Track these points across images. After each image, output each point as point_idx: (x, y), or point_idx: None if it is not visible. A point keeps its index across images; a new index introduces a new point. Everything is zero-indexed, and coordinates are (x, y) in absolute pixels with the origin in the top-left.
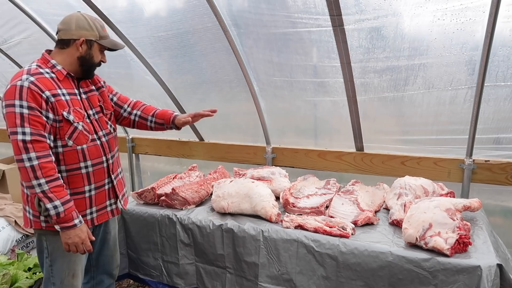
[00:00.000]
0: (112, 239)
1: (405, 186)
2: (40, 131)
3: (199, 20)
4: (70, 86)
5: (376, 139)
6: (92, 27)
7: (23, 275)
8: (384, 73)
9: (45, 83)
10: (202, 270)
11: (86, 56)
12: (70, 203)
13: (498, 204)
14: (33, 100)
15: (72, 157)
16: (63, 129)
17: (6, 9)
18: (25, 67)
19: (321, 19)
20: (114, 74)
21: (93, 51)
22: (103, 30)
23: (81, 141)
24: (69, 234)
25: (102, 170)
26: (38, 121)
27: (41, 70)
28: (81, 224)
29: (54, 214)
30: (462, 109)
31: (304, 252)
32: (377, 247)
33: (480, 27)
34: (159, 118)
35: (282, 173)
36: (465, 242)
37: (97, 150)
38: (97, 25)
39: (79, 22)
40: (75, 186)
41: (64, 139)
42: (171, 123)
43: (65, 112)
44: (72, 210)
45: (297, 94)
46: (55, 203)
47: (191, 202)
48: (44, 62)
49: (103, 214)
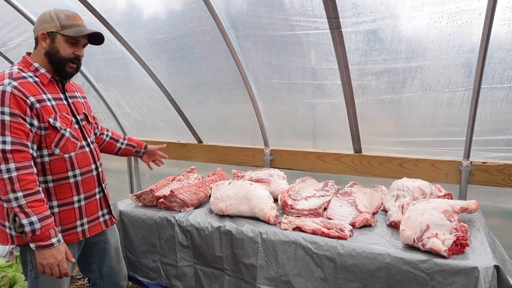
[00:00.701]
0: (114, 250)
1: (403, 188)
2: (22, 140)
3: (197, 22)
4: (55, 90)
5: (374, 141)
6: (53, 18)
7: (21, 277)
8: (381, 75)
9: (29, 88)
10: (201, 272)
11: (50, 50)
12: (48, 219)
13: (496, 206)
14: (16, 106)
15: (59, 166)
16: (49, 136)
17: (5, 12)
18: (4, 70)
19: (319, 22)
20: (112, 76)
21: (57, 43)
22: (69, 20)
23: (68, 149)
24: (44, 254)
25: (92, 179)
26: (20, 129)
27: (23, 74)
28: (59, 243)
29: (30, 231)
30: (459, 111)
31: (302, 254)
32: (375, 249)
33: (477, 29)
34: (132, 142)
35: (281, 175)
36: (462, 244)
37: (86, 158)
38: (60, 16)
39: (41, 17)
40: (63, 197)
41: (51, 148)
42: (144, 148)
43: (51, 118)
44: (50, 227)
45: (295, 96)
46: (31, 219)
47: (189, 204)
48: (26, 65)
49: (95, 225)
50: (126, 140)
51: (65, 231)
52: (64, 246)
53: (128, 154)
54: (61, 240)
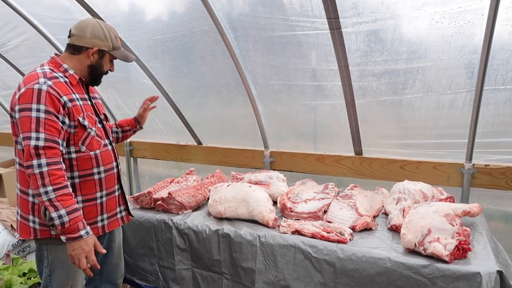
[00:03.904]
0: (117, 248)
1: (404, 190)
2: (55, 137)
3: (196, 23)
4: (81, 91)
5: (375, 143)
6: (107, 37)
7: (17, 280)
8: (382, 76)
9: (62, 88)
10: (199, 275)
11: (96, 65)
12: (76, 212)
13: (498, 209)
14: (51, 104)
15: (86, 163)
16: (78, 134)
17: (3, 13)
18: (36, 69)
19: (318, 22)
20: (111, 77)
21: (104, 60)
22: (116, 41)
23: (93, 147)
24: (73, 245)
25: (113, 176)
26: (53, 127)
27: (55, 74)
28: (87, 235)
29: (59, 224)
30: (462, 113)
31: (301, 257)
32: (375, 253)
33: (479, 30)
34: (125, 126)
35: (280, 177)
36: (464, 248)
37: (109, 156)
38: (112, 36)
39: (94, 31)
40: (87, 193)
41: (78, 145)
42: (136, 122)
43: (81, 117)
44: (78, 220)
45: (295, 97)
46: (60, 212)
47: (187, 207)
48: (56, 66)
49: (113, 221)
50: (119, 127)
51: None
52: (92, 238)
53: (128, 137)
54: (90, 232)
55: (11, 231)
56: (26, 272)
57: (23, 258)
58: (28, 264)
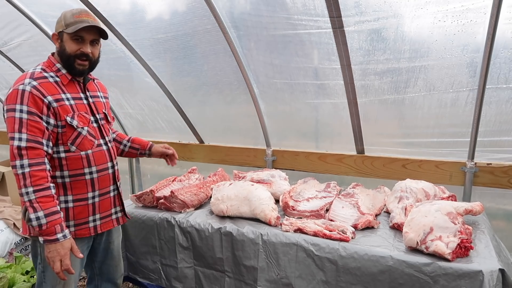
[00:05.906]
0: (116, 249)
1: (406, 189)
2: (37, 137)
3: (198, 22)
4: (75, 90)
5: (377, 142)
6: (61, 18)
7: (20, 278)
8: (384, 75)
9: (48, 88)
10: (201, 273)
11: (60, 49)
12: (55, 215)
13: (501, 208)
14: (33, 105)
15: (76, 163)
16: (66, 134)
17: (6, 12)
18: (29, 70)
19: (321, 21)
20: (113, 76)
21: (64, 42)
22: (74, 17)
23: (85, 147)
24: (50, 247)
25: (108, 177)
26: (36, 127)
27: (45, 74)
28: (64, 239)
29: (37, 225)
30: (464, 112)
31: (303, 256)
32: (378, 251)
33: (482, 28)
34: (135, 144)
35: (282, 176)
36: (466, 247)
37: (102, 156)
38: (67, 15)
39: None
40: (78, 192)
41: (67, 145)
42: (148, 149)
43: (69, 117)
44: (56, 223)
45: (297, 96)
46: (38, 214)
47: (190, 205)
48: (49, 65)
49: (107, 222)
50: (130, 142)
51: (78, 226)
52: (69, 242)
53: (132, 156)
54: (67, 236)
55: (14, 230)
56: (29, 270)
57: (26, 256)
58: (30, 262)
